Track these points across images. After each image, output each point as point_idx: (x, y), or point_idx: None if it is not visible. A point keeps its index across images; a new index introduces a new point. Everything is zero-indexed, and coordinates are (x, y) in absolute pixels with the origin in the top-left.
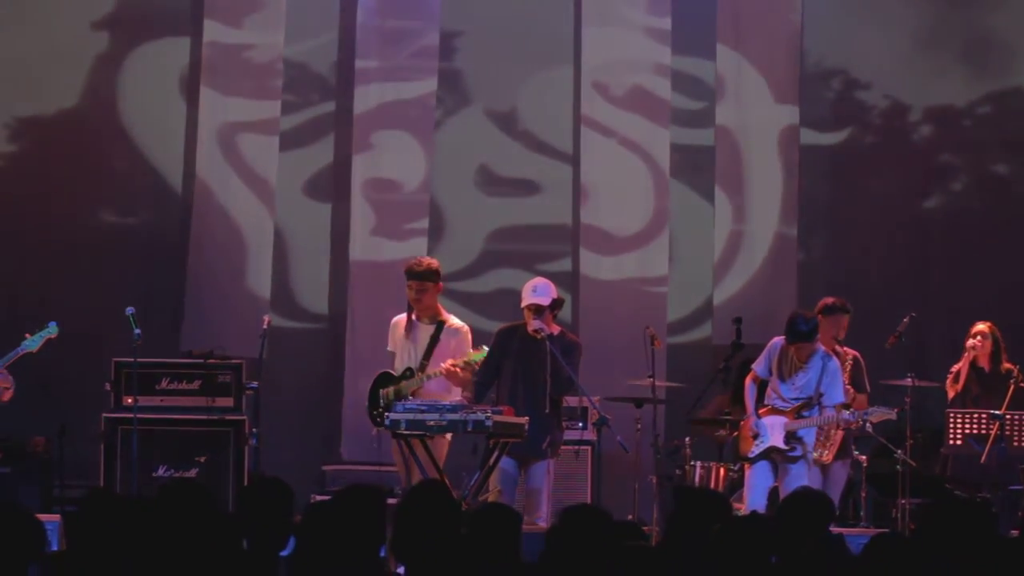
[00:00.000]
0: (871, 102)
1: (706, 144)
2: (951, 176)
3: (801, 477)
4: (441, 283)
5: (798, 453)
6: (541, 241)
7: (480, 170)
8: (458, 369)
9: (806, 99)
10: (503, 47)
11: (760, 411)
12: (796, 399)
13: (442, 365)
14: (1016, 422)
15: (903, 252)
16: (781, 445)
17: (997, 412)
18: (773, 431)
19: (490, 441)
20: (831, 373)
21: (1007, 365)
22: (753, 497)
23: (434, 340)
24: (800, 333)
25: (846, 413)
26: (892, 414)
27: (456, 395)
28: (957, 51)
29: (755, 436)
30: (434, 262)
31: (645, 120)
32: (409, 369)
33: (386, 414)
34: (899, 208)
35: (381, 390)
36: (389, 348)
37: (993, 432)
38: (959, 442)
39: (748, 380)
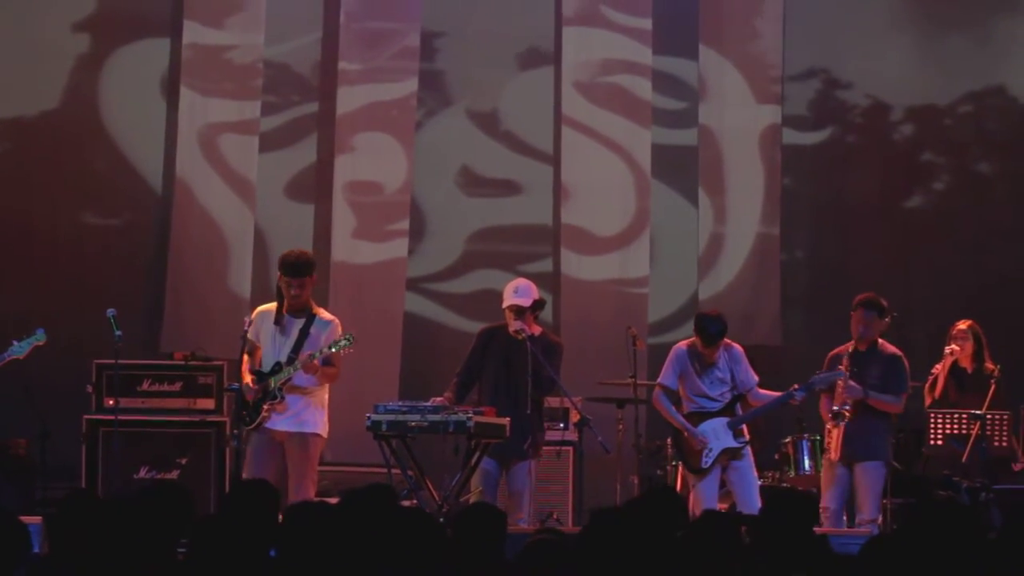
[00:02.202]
0: (852, 101)
1: (688, 144)
2: (933, 175)
3: (748, 464)
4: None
5: (743, 441)
6: (522, 242)
7: (461, 171)
8: (315, 361)
9: (788, 99)
10: (484, 48)
11: (690, 420)
12: (722, 393)
13: (301, 357)
14: (997, 422)
15: (885, 251)
16: (734, 444)
17: (978, 412)
18: (719, 434)
19: (471, 442)
20: (736, 358)
21: (989, 365)
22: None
23: (304, 333)
24: (719, 333)
25: (798, 393)
26: (840, 375)
27: (324, 390)
28: (938, 50)
29: (702, 446)
30: (310, 253)
31: (626, 120)
32: (278, 363)
33: (367, 415)
34: (881, 207)
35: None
36: (248, 337)
37: (974, 432)
38: (940, 442)
39: (659, 395)
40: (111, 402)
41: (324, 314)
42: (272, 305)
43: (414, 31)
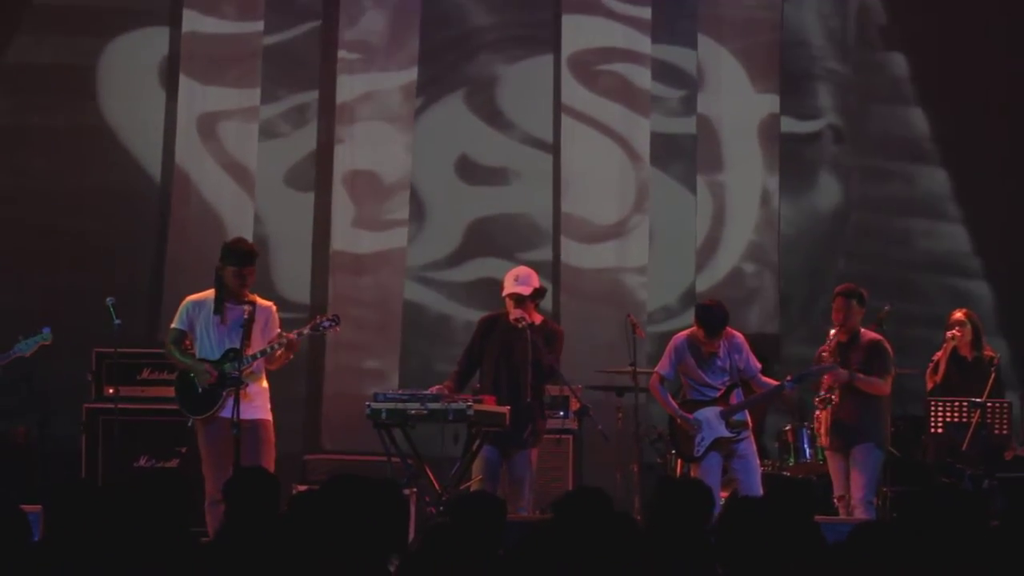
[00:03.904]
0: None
1: (687, 132)
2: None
3: (750, 452)
4: None
5: (744, 435)
6: (522, 230)
7: (461, 159)
8: (297, 341)
9: (786, 88)
10: (483, 36)
11: (686, 407)
12: (723, 382)
13: (286, 336)
14: (997, 410)
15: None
16: (726, 433)
17: (978, 400)
18: (711, 423)
19: (471, 430)
20: (737, 347)
21: (989, 352)
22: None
23: (251, 319)
24: (721, 323)
25: (789, 385)
26: (833, 367)
27: (265, 375)
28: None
29: (695, 434)
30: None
31: (625, 109)
32: (232, 350)
33: (367, 404)
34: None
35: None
36: (177, 326)
37: (974, 420)
38: (940, 430)
39: (656, 384)
40: (111, 391)
41: (261, 300)
42: (204, 294)
43: (414, 19)
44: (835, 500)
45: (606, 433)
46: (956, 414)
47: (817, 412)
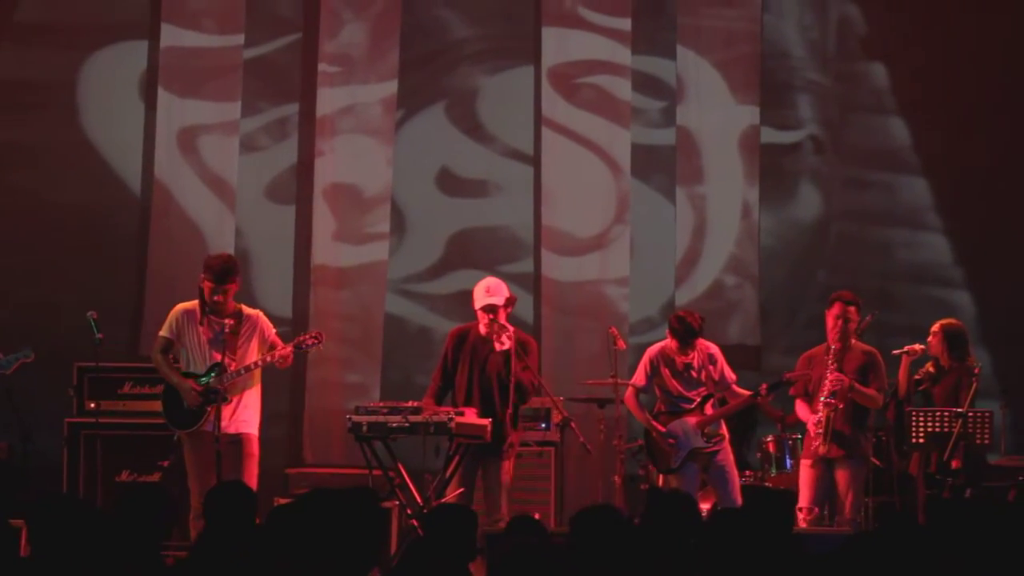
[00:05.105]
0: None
1: (668, 144)
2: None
3: (727, 462)
4: None
5: (720, 445)
6: (503, 243)
7: (441, 172)
8: (290, 356)
9: (766, 99)
10: (464, 48)
11: (661, 419)
12: (697, 392)
13: (280, 351)
14: (978, 420)
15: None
16: (702, 444)
17: (960, 410)
18: (688, 435)
19: (452, 443)
20: (712, 357)
21: (971, 361)
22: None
23: (234, 332)
24: (693, 335)
25: (765, 391)
26: (806, 374)
27: (258, 388)
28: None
29: (671, 446)
30: (235, 258)
31: (605, 120)
32: (217, 364)
33: (348, 417)
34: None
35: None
36: (166, 335)
37: (956, 430)
38: (921, 440)
39: (631, 397)
40: (92, 405)
41: (247, 309)
42: (193, 303)
43: (394, 32)
44: (799, 510)
45: (588, 445)
46: (938, 424)
47: (819, 415)
